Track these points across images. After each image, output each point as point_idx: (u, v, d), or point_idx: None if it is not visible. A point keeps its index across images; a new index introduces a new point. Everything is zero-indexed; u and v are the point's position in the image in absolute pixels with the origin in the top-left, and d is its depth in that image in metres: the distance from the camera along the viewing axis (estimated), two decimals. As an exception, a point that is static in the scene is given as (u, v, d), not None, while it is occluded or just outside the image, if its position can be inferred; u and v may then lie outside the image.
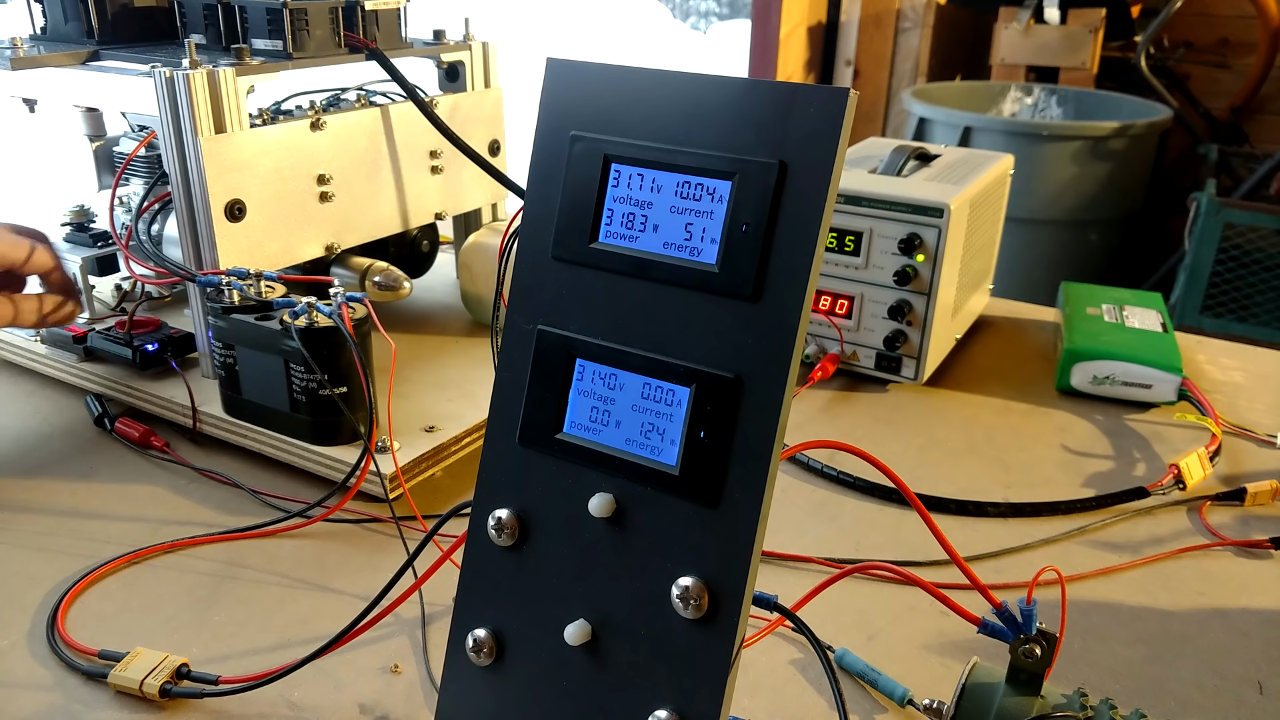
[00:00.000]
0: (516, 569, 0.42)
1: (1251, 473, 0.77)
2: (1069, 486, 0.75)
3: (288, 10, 0.78)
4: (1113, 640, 0.59)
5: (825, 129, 0.36)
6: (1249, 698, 0.55)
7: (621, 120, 0.40)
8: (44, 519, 0.68)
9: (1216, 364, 0.96)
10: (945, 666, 0.56)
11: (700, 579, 0.38)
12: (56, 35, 0.86)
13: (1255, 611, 0.61)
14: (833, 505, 0.72)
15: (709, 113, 0.39)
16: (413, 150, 0.90)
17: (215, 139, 0.72)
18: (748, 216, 0.38)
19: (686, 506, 0.39)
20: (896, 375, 0.88)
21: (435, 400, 0.79)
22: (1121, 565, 0.65)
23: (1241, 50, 2.94)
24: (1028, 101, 2.85)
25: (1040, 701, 0.43)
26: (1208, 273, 2.30)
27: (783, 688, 0.54)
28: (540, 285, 0.42)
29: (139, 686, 0.51)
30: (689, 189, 0.39)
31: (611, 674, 0.40)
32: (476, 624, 0.43)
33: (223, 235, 0.74)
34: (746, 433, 0.38)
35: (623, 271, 0.40)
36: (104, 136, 0.93)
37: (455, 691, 0.44)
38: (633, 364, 0.40)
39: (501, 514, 0.42)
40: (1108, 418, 0.85)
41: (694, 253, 0.39)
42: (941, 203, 0.82)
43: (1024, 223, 2.37)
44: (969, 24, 3.19)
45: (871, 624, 0.60)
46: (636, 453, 0.40)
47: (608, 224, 0.41)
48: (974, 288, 0.98)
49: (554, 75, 0.42)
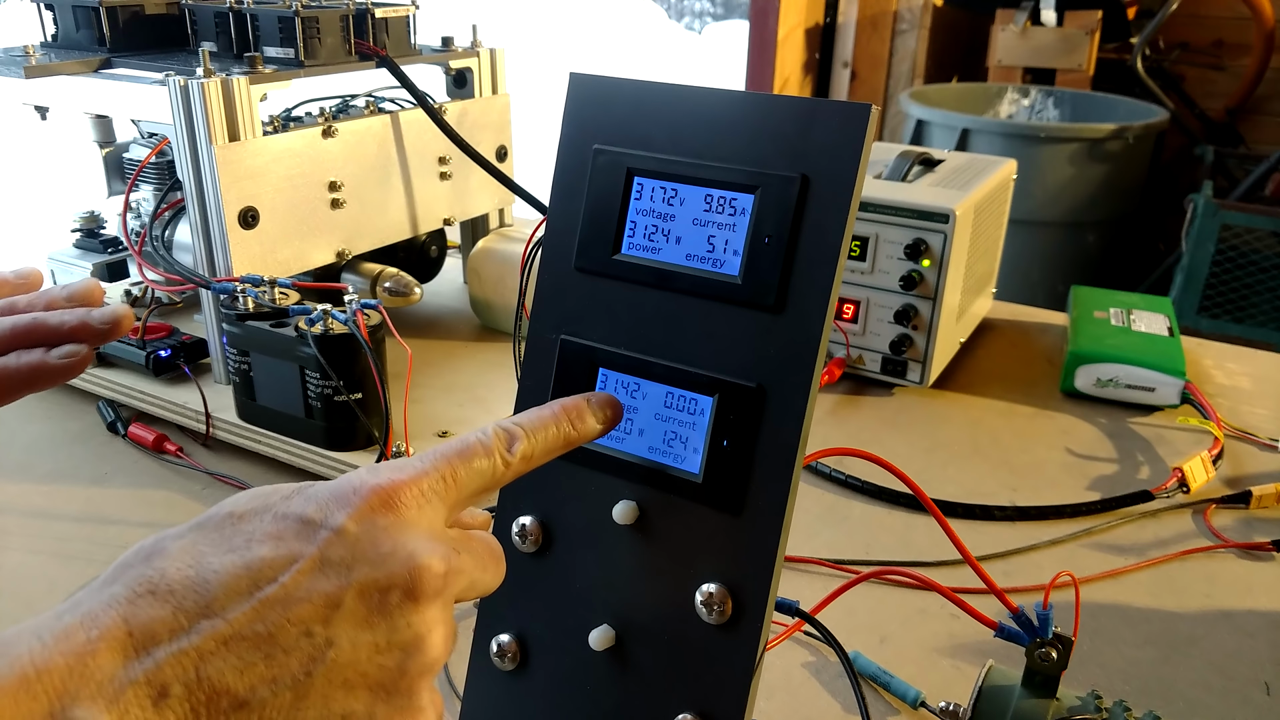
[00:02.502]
0: (540, 575, 0.43)
1: (1254, 476, 0.78)
2: (1074, 489, 0.76)
3: (299, 18, 0.78)
4: (1121, 642, 0.59)
5: (847, 143, 0.37)
6: (1256, 698, 0.55)
7: (644, 134, 0.41)
8: (60, 524, 0.69)
9: (1223, 369, 0.97)
10: (957, 669, 0.57)
11: (723, 585, 0.39)
12: (68, 43, 0.86)
13: (1261, 613, 0.62)
14: (841, 509, 0.73)
15: (731, 127, 0.39)
16: (422, 156, 0.91)
17: (229, 147, 0.73)
18: (770, 229, 0.38)
19: (710, 514, 0.39)
20: (902, 379, 0.89)
21: (446, 405, 0.80)
22: (1128, 568, 0.66)
23: (1237, 51, 2.96)
24: (1024, 103, 2.86)
25: (1056, 704, 0.44)
26: (1204, 274, 2.31)
27: (798, 690, 0.55)
28: (563, 296, 0.42)
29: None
30: (712, 202, 0.40)
31: (635, 679, 0.41)
32: (500, 629, 0.44)
33: (236, 242, 0.75)
34: (769, 441, 0.38)
35: (645, 283, 0.41)
36: (114, 143, 0.94)
37: (478, 696, 0.45)
38: (655, 373, 0.40)
39: (525, 520, 0.43)
40: (1111, 421, 0.86)
41: (717, 264, 0.40)
42: (947, 208, 0.83)
43: (1021, 224, 2.38)
44: (965, 26, 3.20)
45: (883, 627, 0.60)
46: (660, 460, 0.40)
47: (630, 236, 0.41)
48: (978, 292, 0.99)
49: (577, 89, 0.42)
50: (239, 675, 0.28)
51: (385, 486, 0.32)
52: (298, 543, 0.30)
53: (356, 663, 0.30)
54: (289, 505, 0.31)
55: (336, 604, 0.29)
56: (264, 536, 0.30)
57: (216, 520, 0.31)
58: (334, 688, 0.29)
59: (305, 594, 0.29)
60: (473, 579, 0.33)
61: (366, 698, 0.30)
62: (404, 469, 0.33)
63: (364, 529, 0.31)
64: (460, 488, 0.34)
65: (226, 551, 0.30)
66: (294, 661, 0.29)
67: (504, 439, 0.35)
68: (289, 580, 0.29)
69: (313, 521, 0.31)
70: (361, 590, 0.30)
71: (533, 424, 0.37)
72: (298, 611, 0.29)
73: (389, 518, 0.31)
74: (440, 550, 0.32)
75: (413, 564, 0.31)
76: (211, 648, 0.27)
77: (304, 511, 0.31)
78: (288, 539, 0.30)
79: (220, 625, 0.28)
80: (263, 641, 0.28)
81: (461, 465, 0.34)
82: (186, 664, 0.27)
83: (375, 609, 0.30)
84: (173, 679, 0.27)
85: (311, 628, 0.29)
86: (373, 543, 0.30)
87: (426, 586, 0.31)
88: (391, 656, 0.30)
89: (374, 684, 0.30)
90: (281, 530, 0.30)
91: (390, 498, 0.31)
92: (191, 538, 0.30)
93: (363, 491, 0.31)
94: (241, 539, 0.30)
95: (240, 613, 0.28)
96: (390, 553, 0.30)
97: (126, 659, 0.27)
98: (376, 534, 0.31)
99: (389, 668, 0.30)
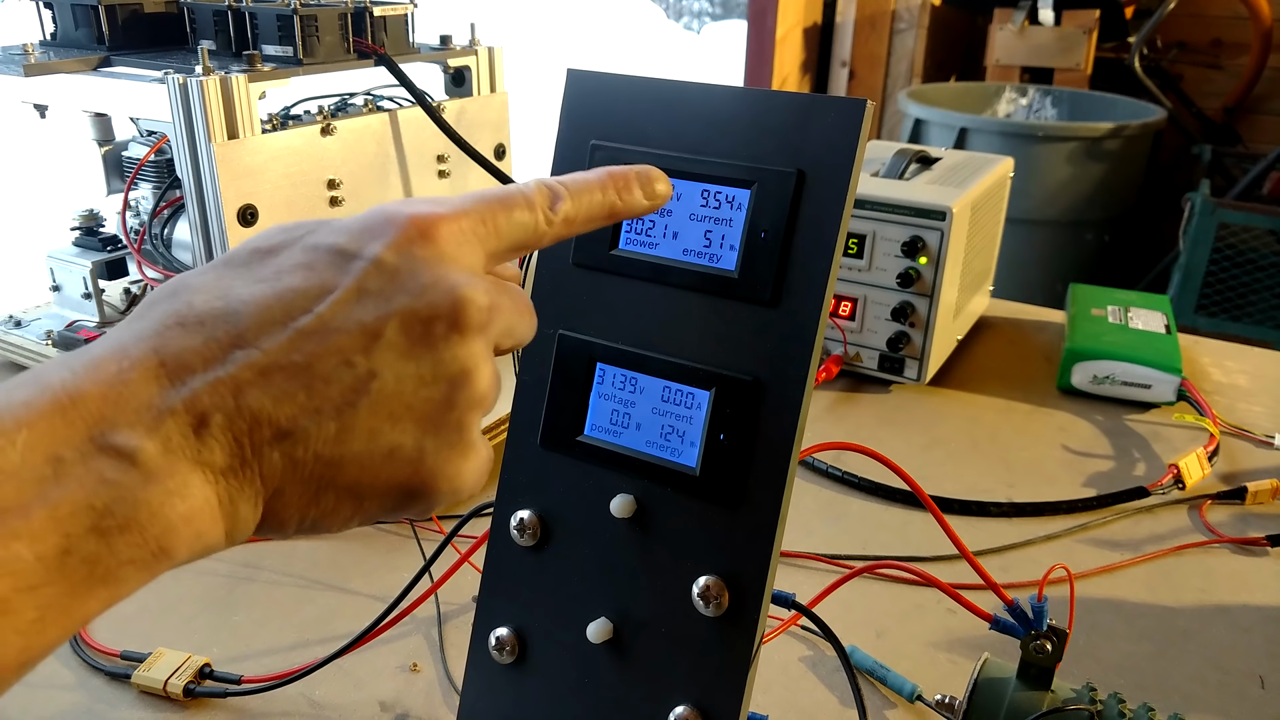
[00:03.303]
0: (539, 569, 0.43)
1: (1249, 472, 0.78)
2: (1071, 486, 0.76)
3: (298, 16, 0.79)
4: (1117, 636, 0.60)
5: (843, 139, 0.37)
6: (1251, 692, 0.56)
7: (641, 130, 0.41)
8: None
9: (1220, 366, 0.97)
10: (953, 663, 0.57)
11: (720, 578, 0.39)
12: (67, 41, 0.87)
13: (1256, 608, 0.63)
14: (839, 505, 0.73)
15: (727, 123, 0.40)
16: (420, 154, 0.91)
17: (228, 145, 0.73)
18: (766, 224, 0.39)
19: (707, 507, 0.40)
20: (899, 376, 0.89)
21: (445, 402, 0.80)
22: (1124, 563, 0.67)
23: (1234, 51, 2.96)
24: (1022, 102, 2.87)
25: (1051, 696, 0.44)
26: (1202, 272, 2.31)
27: (795, 684, 0.55)
28: (561, 291, 0.43)
29: (163, 686, 0.52)
30: (708, 197, 0.40)
31: (633, 671, 0.41)
32: (499, 623, 0.44)
33: (235, 240, 0.75)
34: (766, 435, 0.39)
35: (643, 277, 0.41)
36: (113, 141, 0.94)
37: (477, 689, 0.45)
38: (653, 368, 0.41)
39: (524, 515, 0.43)
40: (1108, 418, 0.86)
41: (713, 259, 0.40)
42: (944, 206, 0.83)
43: (1019, 223, 2.38)
44: (963, 25, 3.21)
45: (880, 621, 0.61)
46: (657, 454, 0.41)
47: (628, 231, 0.42)
48: (975, 289, 0.99)
49: (574, 86, 0.43)
50: (279, 405, 0.27)
51: (424, 217, 0.30)
52: (331, 273, 0.29)
53: (401, 394, 0.28)
54: (318, 237, 0.30)
55: (377, 335, 0.28)
56: (294, 267, 0.29)
57: (243, 255, 0.30)
58: (379, 419, 0.28)
59: (342, 324, 0.28)
60: (511, 323, 0.32)
61: (414, 430, 0.29)
62: (443, 204, 0.31)
63: (402, 259, 0.29)
64: (500, 237, 0.32)
65: (255, 282, 0.28)
66: (335, 391, 0.27)
67: (547, 196, 0.33)
68: (325, 310, 0.28)
69: (347, 252, 0.29)
70: (404, 321, 0.28)
71: (577, 186, 0.34)
72: (336, 341, 0.28)
73: (428, 249, 0.29)
74: (482, 284, 0.30)
75: (455, 294, 0.29)
76: (249, 377, 0.26)
77: (336, 242, 0.29)
78: (319, 269, 0.29)
79: (255, 355, 0.27)
80: (300, 371, 0.27)
81: (503, 213, 0.32)
82: (224, 393, 0.26)
83: (418, 340, 0.28)
84: (211, 408, 0.26)
85: (352, 358, 0.28)
86: (412, 273, 0.29)
87: (471, 319, 0.29)
88: (438, 388, 0.29)
89: (421, 416, 0.29)
90: (313, 260, 0.29)
91: (428, 229, 0.29)
92: (218, 272, 0.29)
93: (398, 221, 0.29)
94: (270, 270, 0.29)
95: (276, 343, 0.27)
96: (431, 284, 0.29)
97: (162, 388, 0.26)
98: (416, 265, 0.29)
99: (436, 400, 0.29)
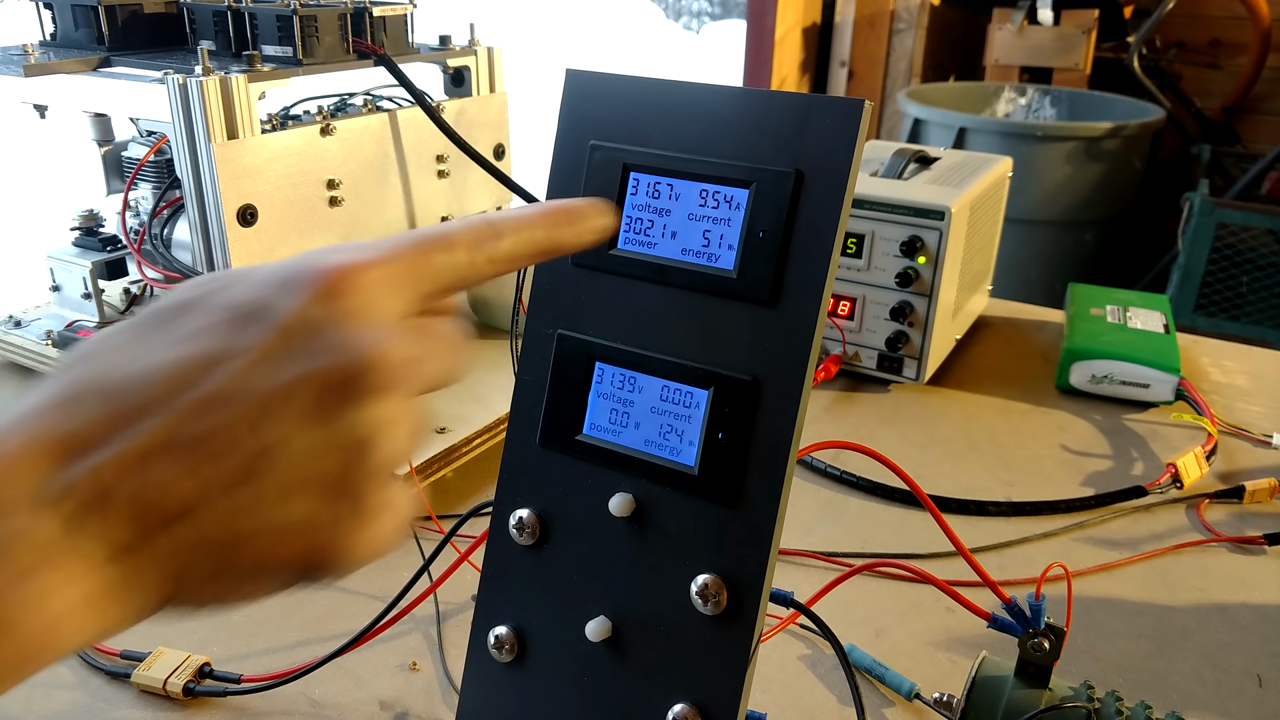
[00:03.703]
0: (538, 567, 0.43)
1: (1247, 471, 0.78)
2: (1069, 485, 0.76)
3: (298, 17, 0.79)
4: (1115, 635, 0.60)
5: (841, 139, 0.38)
6: (1249, 691, 0.56)
7: (640, 130, 0.41)
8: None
9: (1219, 366, 0.97)
10: (951, 661, 0.58)
11: (719, 576, 0.39)
12: (67, 41, 0.87)
13: (1253, 606, 0.63)
14: (838, 504, 0.74)
15: (726, 123, 0.40)
16: (420, 154, 0.91)
17: (228, 145, 0.73)
18: (765, 224, 0.39)
19: (705, 506, 0.40)
20: (898, 375, 0.90)
21: (445, 402, 0.80)
22: (1121, 561, 0.67)
23: (1233, 51, 2.96)
24: (1021, 102, 2.87)
25: (1049, 694, 0.44)
26: (1201, 272, 2.31)
27: (793, 682, 0.56)
28: (560, 291, 0.43)
29: (163, 685, 0.52)
30: (707, 197, 0.40)
31: (632, 670, 0.41)
32: (498, 621, 0.44)
33: (235, 240, 0.75)
34: (764, 433, 0.39)
35: (641, 277, 0.41)
36: (112, 141, 0.94)
37: (477, 687, 0.45)
38: (651, 367, 0.41)
39: (523, 514, 0.43)
40: (1106, 417, 0.87)
41: (712, 259, 0.40)
42: (943, 205, 0.83)
43: (1018, 223, 2.38)
44: (963, 25, 3.21)
45: (878, 620, 0.61)
46: (656, 453, 0.41)
47: (626, 231, 0.42)
48: (974, 289, 0.99)
49: (573, 86, 0.43)
50: (176, 482, 0.26)
51: (342, 268, 0.28)
52: (234, 337, 0.27)
53: (297, 467, 0.27)
54: (231, 294, 0.28)
55: (269, 406, 0.27)
56: (199, 331, 0.28)
57: (159, 314, 0.28)
58: (271, 495, 0.27)
59: (237, 394, 0.27)
60: (435, 369, 0.30)
61: (309, 503, 0.27)
62: (370, 249, 0.29)
63: (311, 318, 0.27)
64: (434, 278, 0.30)
65: (164, 346, 0.27)
66: (226, 468, 0.26)
67: (483, 234, 0.32)
68: (224, 380, 0.27)
69: (253, 313, 0.28)
70: (303, 388, 0.27)
71: (514, 223, 0.33)
72: (230, 413, 0.26)
73: (342, 304, 0.28)
74: (401, 337, 0.28)
75: (363, 356, 0.27)
76: (147, 452, 0.26)
77: (245, 301, 0.28)
78: (222, 332, 0.27)
79: (156, 426, 0.26)
80: (196, 446, 0.26)
81: (437, 253, 0.30)
82: (122, 468, 0.25)
83: (315, 408, 0.27)
84: (111, 484, 0.25)
85: (243, 433, 0.26)
86: (319, 334, 0.27)
87: (377, 380, 0.28)
88: (334, 458, 0.27)
89: (317, 489, 0.27)
90: (217, 323, 0.28)
91: (344, 282, 0.28)
92: (130, 334, 0.28)
93: (314, 275, 0.28)
94: (180, 333, 0.28)
95: (175, 415, 0.26)
96: (340, 344, 0.27)
97: (60, 464, 0.25)
98: (324, 324, 0.27)
99: (331, 471, 0.28)
